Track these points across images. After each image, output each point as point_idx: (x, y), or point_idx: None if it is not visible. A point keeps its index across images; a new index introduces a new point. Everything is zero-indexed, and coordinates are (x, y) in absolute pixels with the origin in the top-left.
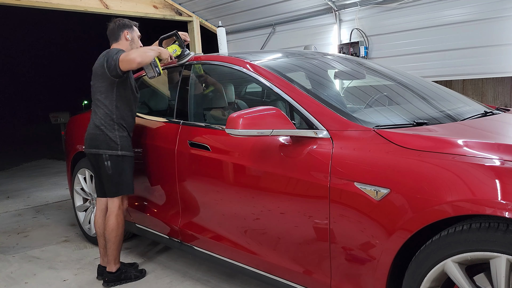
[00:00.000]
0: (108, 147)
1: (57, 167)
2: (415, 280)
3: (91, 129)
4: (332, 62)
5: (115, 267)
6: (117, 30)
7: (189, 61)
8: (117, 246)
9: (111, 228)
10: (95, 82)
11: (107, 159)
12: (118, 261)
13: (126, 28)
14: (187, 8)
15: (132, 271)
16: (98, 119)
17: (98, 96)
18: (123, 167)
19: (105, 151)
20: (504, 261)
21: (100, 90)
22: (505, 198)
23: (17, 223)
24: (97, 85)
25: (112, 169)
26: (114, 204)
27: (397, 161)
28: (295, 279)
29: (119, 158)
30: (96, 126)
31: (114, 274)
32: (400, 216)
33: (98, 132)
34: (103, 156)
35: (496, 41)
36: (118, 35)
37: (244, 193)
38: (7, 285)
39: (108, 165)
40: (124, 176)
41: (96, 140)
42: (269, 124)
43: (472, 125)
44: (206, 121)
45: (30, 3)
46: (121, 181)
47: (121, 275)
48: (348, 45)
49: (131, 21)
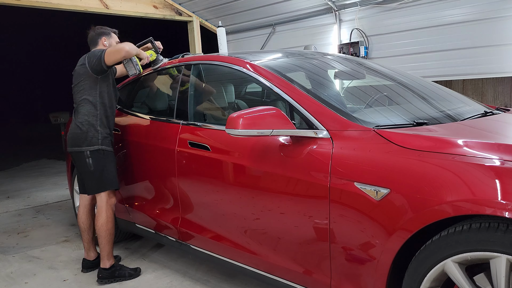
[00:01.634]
0: (89, 143)
1: (57, 167)
2: (415, 280)
3: (73, 129)
4: (332, 62)
5: (109, 263)
6: (96, 37)
7: (189, 61)
8: (108, 241)
9: (101, 223)
10: (77, 82)
11: (88, 156)
12: (111, 257)
13: (104, 35)
14: (187, 8)
15: (127, 269)
16: (80, 118)
17: (80, 95)
18: (105, 163)
19: (86, 148)
20: (504, 261)
21: (84, 88)
22: (505, 198)
23: (17, 223)
24: (79, 85)
25: (93, 166)
26: (101, 200)
27: (397, 161)
28: (295, 279)
29: (100, 154)
30: (77, 125)
31: (108, 270)
32: (400, 216)
33: (79, 131)
34: (85, 154)
35: (496, 41)
36: (96, 42)
37: (244, 193)
38: (7, 285)
39: (90, 162)
40: (106, 172)
41: (78, 139)
42: (269, 124)
43: (472, 125)
44: (206, 121)
45: (30, 3)
46: (103, 177)
47: (115, 272)
48: (348, 45)
49: (109, 29)
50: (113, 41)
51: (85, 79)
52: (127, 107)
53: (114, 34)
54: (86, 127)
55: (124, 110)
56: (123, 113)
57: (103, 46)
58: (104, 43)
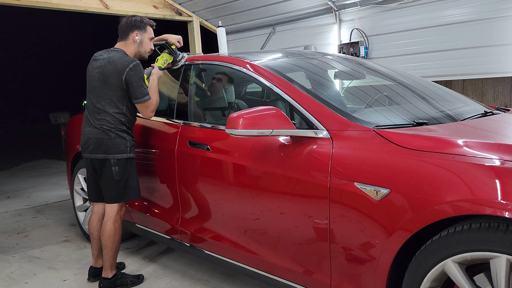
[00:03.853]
0: (118, 151)
1: (57, 167)
2: (415, 280)
3: (96, 134)
4: (332, 62)
5: (111, 273)
6: (127, 28)
7: (189, 61)
8: (114, 252)
9: (108, 235)
10: (107, 90)
11: (115, 164)
12: (115, 268)
13: (137, 28)
14: (187, 8)
15: (129, 277)
16: (106, 124)
17: (108, 101)
18: (130, 171)
19: (114, 156)
20: (504, 261)
21: (112, 97)
22: (505, 198)
23: (17, 223)
24: (108, 92)
25: (119, 174)
26: (113, 210)
27: (397, 161)
28: (295, 279)
29: (128, 162)
30: (104, 130)
31: (109, 280)
32: (400, 216)
33: (106, 137)
34: (111, 161)
35: (496, 41)
36: (126, 34)
37: (244, 193)
38: (7, 285)
39: (116, 170)
40: (131, 181)
41: (105, 145)
42: (269, 124)
43: (472, 125)
44: (206, 121)
45: (30, 3)
46: (128, 186)
47: (116, 281)
48: (348, 45)
49: (146, 21)
50: (146, 36)
51: (118, 90)
52: None
53: (150, 28)
54: (114, 133)
55: None
56: None
57: (133, 42)
58: (135, 38)
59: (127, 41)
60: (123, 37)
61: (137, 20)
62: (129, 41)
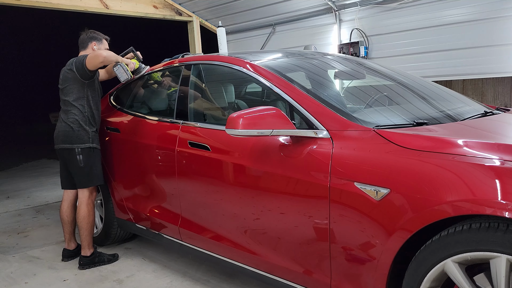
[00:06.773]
0: (81, 141)
1: (57, 167)
2: (415, 280)
3: (63, 127)
4: (332, 62)
5: (89, 252)
6: (87, 40)
7: (189, 61)
8: (89, 232)
9: (83, 216)
10: (66, 86)
11: (80, 153)
12: (92, 246)
13: (95, 40)
14: (187, 8)
15: (105, 255)
16: (70, 118)
17: (69, 97)
18: (94, 159)
19: (78, 145)
20: (504, 261)
21: (72, 92)
22: (505, 198)
23: (17, 223)
24: (68, 88)
25: (83, 162)
26: (84, 195)
27: (397, 161)
28: (295, 279)
29: (91, 151)
30: (67, 124)
31: (88, 257)
32: (400, 216)
33: (69, 129)
34: (76, 150)
35: (496, 41)
36: (86, 45)
37: (244, 193)
38: (7, 285)
39: (80, 158)
40: (95, 168)
41: (70, 136)
42: (269, 124)
43: (472, 125)
44: (206, 121)
45: (30, 3)
46: (92, 173)
47: (95, 258)
48: (348, 45)
49: (102, 35)
50: (102, 47)
51: (73, 83)
52: (128, 107)
53: (106, 41)
54: (77, 126)
55: (125, 110)
56: (124, 113)
57: (91, 51)
58: (93, 47)
59: (87, 49)
60: (83, 47)
61: (95, 33)
62: (88, 50)
